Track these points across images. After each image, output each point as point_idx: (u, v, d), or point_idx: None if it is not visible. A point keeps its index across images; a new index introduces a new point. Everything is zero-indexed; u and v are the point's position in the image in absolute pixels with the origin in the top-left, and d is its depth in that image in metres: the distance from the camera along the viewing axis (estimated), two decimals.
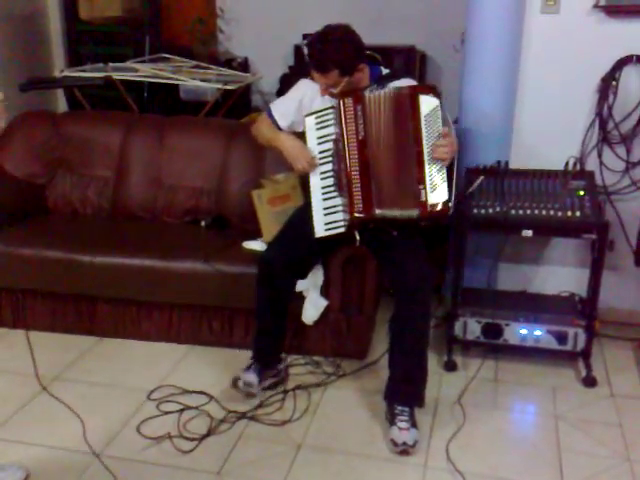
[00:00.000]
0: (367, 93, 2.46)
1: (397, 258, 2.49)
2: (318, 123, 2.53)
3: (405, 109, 2.42)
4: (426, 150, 2.41)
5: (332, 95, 2.53)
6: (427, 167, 2.41)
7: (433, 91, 2.43)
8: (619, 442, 2.41)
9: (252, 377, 2.59)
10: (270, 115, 2.72)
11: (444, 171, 2.43)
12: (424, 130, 2.40)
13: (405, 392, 2.45)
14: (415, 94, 2.42)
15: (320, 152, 2.54)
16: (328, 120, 2.51)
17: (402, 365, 2.46)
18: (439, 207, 2.41)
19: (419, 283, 2.41)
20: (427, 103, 2.41)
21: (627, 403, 2.65)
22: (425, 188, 2.41)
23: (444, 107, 2.44)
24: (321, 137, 2.53)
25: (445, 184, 2.42)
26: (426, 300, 2.44)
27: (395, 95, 2.44)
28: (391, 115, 2.44)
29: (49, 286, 3.02)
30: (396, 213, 2.45)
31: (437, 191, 2.42)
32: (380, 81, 2.57)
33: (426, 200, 2.41)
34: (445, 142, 2.40)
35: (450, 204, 2.42)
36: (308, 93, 2.66)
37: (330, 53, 2.44)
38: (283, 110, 2.71)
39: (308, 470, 2.25)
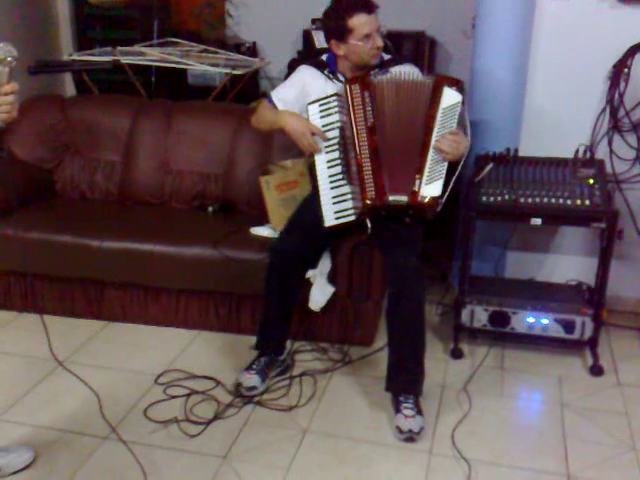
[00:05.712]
0: (373, 78, 2.45)
1: (390, 248, 2.48)
2: (322, 111, 2.52)
3: (424, 97, 2.40)
4: (433, 142, 2.39)
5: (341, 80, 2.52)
6: (429, 158, 2.39)
7: (459, 86, 2.41)
8: (625, 431, 2.41)
9: (254, 381, 2.56)
10: (270, 102, 2.71)
11: (444, 166, 2.40)
12: (438, 122, 2.39)
13: (400, 380, 2.45)
14: (441, 84, 2.40)
15: (325, 140, 2.53)
16: (332, 108, 2.50)
17: (395, 354, 2.47)
18: (427, 200, 2.40)
19: (409, 273, 2.40)
20: (450, 96, 2.39)
21: (633, 392, 2.65)
22: (421, 178, 2.39)
23: (465, 105, 2.42)
24: (326, 125, 2.52)
25: (442, 181, 2.39)
26: (417, 290, 2.42)
27: (416, 83, 2.42)
28: (404, 100, 2.42)
29: (57, 270, 3.04)
30: (402, 199, 2.43)
31: (432, 185, 2.39)
32: (383, 66, 2.55)
33: (418, 190, 2.39)
34: (453, 137, 2.37)
35: (440, 201, 2.40)
36: (309, 79, 2.64)
37: None
38: (283, 96, 2.69)
39: (314, 455, 2.26)
